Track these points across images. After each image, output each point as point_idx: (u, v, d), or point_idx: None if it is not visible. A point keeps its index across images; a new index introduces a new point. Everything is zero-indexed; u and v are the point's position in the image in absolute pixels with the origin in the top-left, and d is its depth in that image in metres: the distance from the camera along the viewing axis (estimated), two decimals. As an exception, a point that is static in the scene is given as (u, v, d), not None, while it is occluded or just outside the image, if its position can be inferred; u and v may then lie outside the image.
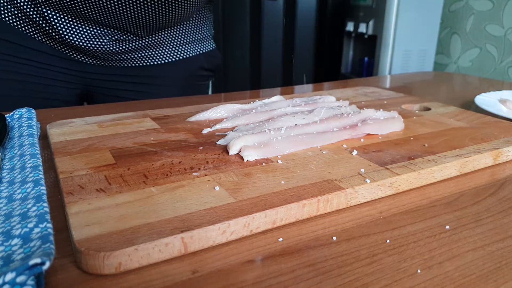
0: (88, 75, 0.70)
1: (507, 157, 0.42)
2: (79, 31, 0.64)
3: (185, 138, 0.42)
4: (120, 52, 0.68)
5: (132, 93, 0.73)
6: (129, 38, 0.67)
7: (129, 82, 0.73)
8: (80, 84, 0.71)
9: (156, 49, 0.71)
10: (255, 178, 0.33)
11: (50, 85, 0.68)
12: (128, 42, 0.67)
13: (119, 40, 0.66)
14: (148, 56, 0.71)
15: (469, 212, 0.32)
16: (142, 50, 0.70)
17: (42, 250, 0.23)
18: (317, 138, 0.41)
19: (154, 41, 0.70)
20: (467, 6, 2.17)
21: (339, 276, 0.24)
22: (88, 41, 0.64)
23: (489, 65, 2.12)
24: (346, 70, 2.33)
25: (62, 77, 0.69)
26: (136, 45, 0.68)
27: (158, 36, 0.70)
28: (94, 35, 0.64)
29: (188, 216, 0.27)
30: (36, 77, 0.67)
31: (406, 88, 0.83)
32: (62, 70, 0.68)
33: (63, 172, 0.33)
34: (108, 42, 0.65)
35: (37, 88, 0.67)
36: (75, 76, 0.70)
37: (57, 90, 0.69)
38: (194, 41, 0.76)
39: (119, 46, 0.67)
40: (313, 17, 2.25)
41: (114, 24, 0.63)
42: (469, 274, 0.25)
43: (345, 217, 0.31)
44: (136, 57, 0.70)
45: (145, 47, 0.70)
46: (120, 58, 0.69)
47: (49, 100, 0.69)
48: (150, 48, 0.70)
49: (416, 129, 0.47)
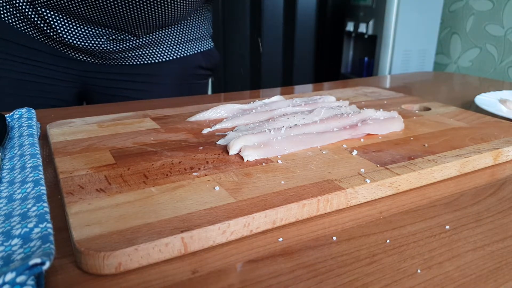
0: (86, 73, 0.71)
1: (507, 157, 0.42)
2: (76, 31, 0.64)
3: (185, 138, 0.42)
4: (118, 51, 0.68)
5: (130, 92, 0.74)
6: (126, 37, 0.67)
7: (127, 80, 0.73)
8: (79, 83, 0.72)
9: (154, 48, 0.72)
10: (255, 178, 0.33)
11: (48, 84, 0.68)
12: (126, 41, 0.68)
13: (116, 40, 0.67)
14: (146, 54, 0.71)
15: (469, 212, 0.32)
16: (140, 49, 0.70)
17: (42, 250, 0.23)
18: (317, 138, 0.41)
19: (151, 40, 0.70)
20: (467, 6, 2.17)
21: (339, 276, 0.24)
22: (86, 41, 0.65)
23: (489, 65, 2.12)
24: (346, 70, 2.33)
25: (60, 76, 0.69)
26: (134, 44, 0.69)
27: (155, 35, 0.70)
28: (91, 34, 0.65)
29: (188, 216, 0.27)
30: (34, 76, 0.67)
31: (406, 88, 0.83)
32: (61, 69, 0.68)
33: (63, 172, 0.33)
34: (105, 41, 0.66)
35: (36, 87, 0.67)
36: (74, 75, 0.70)
37: (55, 89, 0.69)
38: (192, 40, 0.76)
39: (117, 45, 0.67)
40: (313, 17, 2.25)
41: (111, 24, 0.63)
42: (469, 274, 0.25)
43: (345, 217, 0.31)
44: (134, 55, 0.71)
45: (143, 46, 0.70)
46: (118, 57, 0.70)
47: (48, 99, 0.69)
48: (148, 47, 0.71)
49: (416, 129, 0.47)
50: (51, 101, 0.69)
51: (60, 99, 0.70)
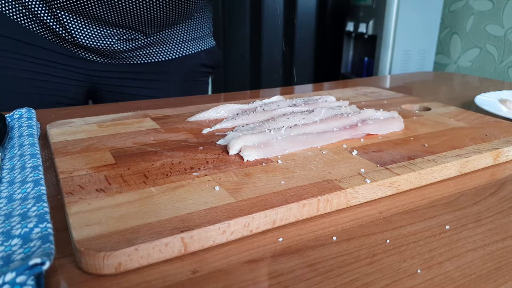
0: (94, 72, 0.72)
1: (507, 157, 0.42)
2: (89, 31, 0.66)
3: (185, 138, 0.42)
4: (127, 50, 0.70)
5: (137, 90, 0.76)
6: (136, 37, 0.69)
7: (135, 78, 0.75)
8: (88, 82, 0.73)
9: (161, 47, 0.74)
10: (255, 178, 0.33)
11: (58, 83, 0.70)
12: (135, 41, 0.70)
13: (127, 39, 0.69)
14: (153, 53, 0.74)
15: (469, 212, 0.32)
16: (147, 48, 0.73)
17: (42, 250, 0.23)
18: (317, 138, 0.41)
19: (159, 39, 0.73)
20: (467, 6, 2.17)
21: (339, 276, 0.24)
22: (98, 41, 0.67)
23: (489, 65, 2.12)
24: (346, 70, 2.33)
25: (69, 74, 0.70)
26: (142, 43, 0.71)
27: (162, 34, 0.73)
28: (103, 35, 0.67)
29: (188, 216, 0.27)
30: (44, 75, 0.68)
31: (406, 88, 0.83)
32: (70, 68, 0.70)
33: (63, 172, 0.33)
34: (117, 41, 0.68)
35: (43, 85, 0.69)
36: (83, 74, 0.72)
37: (65, 88, 0.71)
38: (195, 39, 0.79)
39: (127, 45, 0.70)
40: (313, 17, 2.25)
41: (124, 23, 0.65)
42: (469, 274, 0.25)
43: (345, 217, 0.31)
44: (142, 54, 0.73)
45: (150, 45, 0.73)
46: (127, 56, 0.72)
47: (56, 97, 0.70)
48: (155, 46, 0.73)
49: (416, 129, 0.47)
50: (58, 99, 0.70)
51: (69, 97, 0.72)
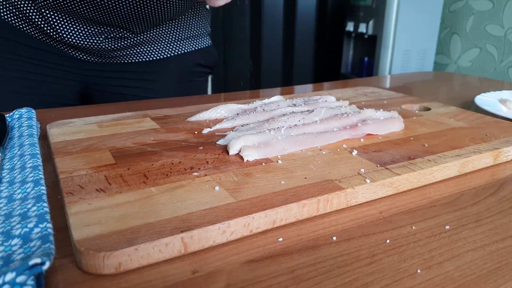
0: (86, 72, 0.71)
1: (507, 157, 0.42)
2: (75, 30, 0.65)
3: (185, 138, 0.42)
4: (117, 49, 0.69)
5: (131, 90, 0.75)
6: (125, 35, 0.68)
7: (128, 78, 0.74)
8: (80, 82, 0.72)
9: (151, 46, 0.73)
10: (255, 178, 0.33)
11: (50, 83, 0.69)
12: (124, 39, 0.68)
13: (115, 38, 0.67)
14: (144, 52, 0.72)
15: (469, 212, 0.32)
16: (138, 47, 0.71)
17: (42, 250, 0.23)
18: (317, 138, 0.41)
19: (149, 37, 0.71)
20: (467, 6, 2.17)
21: (339, 276, 0.24)
22: (85, 39, 0.65)
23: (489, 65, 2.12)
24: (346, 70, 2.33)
25: (61, 74, 0.70)
26: (132, 42, 0.70)
27: (153, 33, 0.71)
28: (90, 33, 0.65)
29: (188, 216, 0.27)
30: (37, 75, 0.67)
31: (406, 88, 0.83)
32: (62, 67, 0.69)
33: (63, 172, 0.33)
34: (104, 40, 0.66)
35: (35, 85, 0.68)
36: (75, 74, 0.71)
37: (58, 88, 0.70)
38: (189, 37, 0.77)
39: (115, 44, 0.68)
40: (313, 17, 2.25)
41: (109, 22, 0.64)
42: (469, 274, 0.25)
43: (345, 217, 0.31)
44: (132, 53, 0.71)
45: (141, 44, 0.71)
46: (117, 55, 0.70)
47: (48, 97, 0.69)
48: (146, 45, 0.72)
49: (416, 129, 0.47)
50: (51, 98, 0.70)
51: (60, 97, 0.71)
